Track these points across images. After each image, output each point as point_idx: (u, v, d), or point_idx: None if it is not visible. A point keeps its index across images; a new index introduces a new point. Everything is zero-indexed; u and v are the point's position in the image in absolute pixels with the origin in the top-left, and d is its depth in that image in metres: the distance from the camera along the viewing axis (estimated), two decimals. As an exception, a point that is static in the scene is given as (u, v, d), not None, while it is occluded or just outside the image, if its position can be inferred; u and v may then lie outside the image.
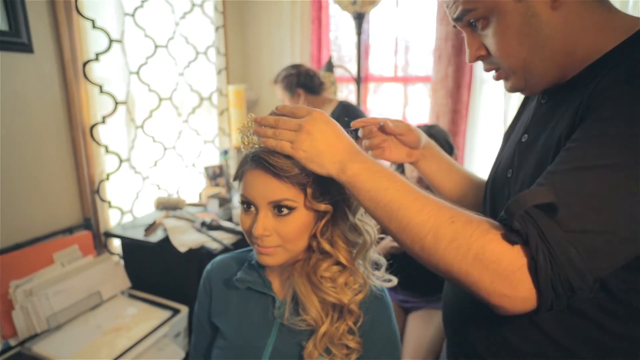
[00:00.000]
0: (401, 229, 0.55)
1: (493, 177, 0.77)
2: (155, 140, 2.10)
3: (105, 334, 1.44)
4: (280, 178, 0.67)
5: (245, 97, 2.50)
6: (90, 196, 1.74)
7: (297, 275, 0.76)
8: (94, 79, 1.68)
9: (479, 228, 0.51)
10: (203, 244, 1.70)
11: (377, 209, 0.57)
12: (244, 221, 0.74)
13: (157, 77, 2.06)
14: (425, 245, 0.53)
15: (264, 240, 0.70)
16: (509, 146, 0.75)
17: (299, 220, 0.70)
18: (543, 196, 0.48)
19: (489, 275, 0.49)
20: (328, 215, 0.72)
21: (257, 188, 0.70)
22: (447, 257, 0.52)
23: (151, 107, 2.06)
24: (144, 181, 2.05)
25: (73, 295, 1.51)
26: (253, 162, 0.70)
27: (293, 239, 0.71)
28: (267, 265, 0.76)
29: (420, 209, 0.54)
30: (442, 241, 0.52)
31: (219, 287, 0.88)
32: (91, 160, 1.71)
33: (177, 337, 1.59)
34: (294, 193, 0.69)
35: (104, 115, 1.75)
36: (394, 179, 0.58)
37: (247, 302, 0.83)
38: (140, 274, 1.81)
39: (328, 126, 0.61)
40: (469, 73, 2.34)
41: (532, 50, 0.59)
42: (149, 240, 1.72)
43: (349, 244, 0.74)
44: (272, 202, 0.69)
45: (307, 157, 0.60)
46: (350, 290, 0.74)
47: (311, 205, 0.69)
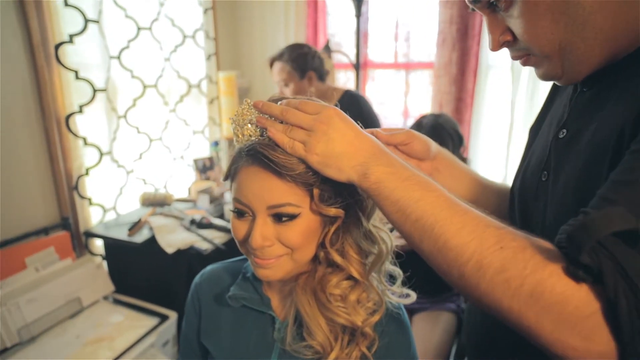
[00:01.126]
0: (436, 251, 0.46)
1: (521, 181, 0.67)
2: (140, 131, 1.96)
3: (85, 346, 1.31)
4: (282, 177, 0.56)
5: (237, 85, 2.37)
6: (68, 193, 1.60)
7: (300, 291, 0.65)
8: (69, 64, 1.52)
9: (534, 258, 0.41)
10: (192, 244, 1.58)
11: (406, 223, 0.48)
12: (238, 229, 0.62)
13: (140, 62, 1.90)
14: (465, 274, 0.44)
15: (264, 252, 0.59)
16: (539, 144, 0.65)
17: (304, 225, 0.59)
18: (622, 221, 0.37)
19: (549, 320, 0.40)
20: (339, 221, 0.61)
21: (253, 189, 0.58)
22: (494, 291, 0.43)
23: (135, 95, 1.91)
24: (128, 175, 1.92)
25: (49, 303, 1.37)
26: (249, 158, 0.58)
27: (300, 245, 0.60)
28: (268, 280, 0.65)
29: (460, 227, 0.45)
30: (488, 271, 0.43)
31: (209, 303, 0.77)
32: (67, 154, 1.57)
33: (165, 346, 1.47)
34: (298, 195, 0.57)
35: (81, 104, 1.59)
36: (428, 187, 0.49)
37: (242, 322, 0.72)
38: (125, 277, 1.68)
39: (346, 125, 0.52)
40: (475, 58, 2.22)
41: (570, 29, 0.49)
42: (133, 240, 1.59)
43: (362, 254, 0.63)
44: (272, 207, 0.58)
45: (322, 161, 0.52)
46: (363, 310, 0.63)
47: (319, 209, 0.58)
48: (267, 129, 0.55)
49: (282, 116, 0.54)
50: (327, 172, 0.52)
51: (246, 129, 0.59)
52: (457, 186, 0.74)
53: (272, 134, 0.55)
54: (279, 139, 0.54)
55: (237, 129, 0.60)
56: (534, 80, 2.07)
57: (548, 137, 0.62)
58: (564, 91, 0.65)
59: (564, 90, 0.65)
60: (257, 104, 0.57)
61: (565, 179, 0.54)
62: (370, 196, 0.52)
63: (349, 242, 0.62)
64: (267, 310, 0.69)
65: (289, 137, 0.53)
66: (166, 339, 1.49)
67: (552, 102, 0.69)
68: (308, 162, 0.53)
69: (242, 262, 0.79)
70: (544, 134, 0.65)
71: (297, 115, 0.53)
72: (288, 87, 1.78)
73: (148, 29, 1.93)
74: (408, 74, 2.50)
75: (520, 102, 2.13)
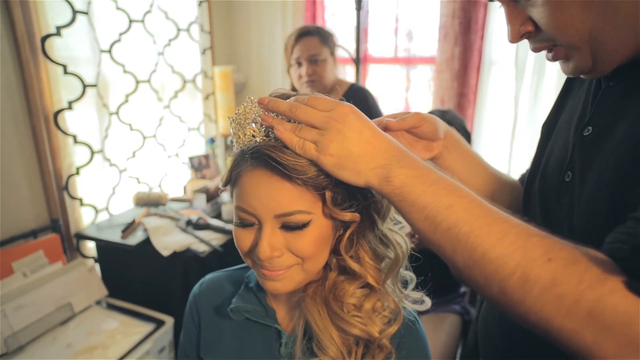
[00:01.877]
0: (472, 263, 0.42)
1: (541, 181, 0.63)
2: (133, 129, 1.89)
3: (76, 355, 1.25)
4: (291, 181, 0.51)
5: (233, 80, 2.30)
6: (58, 193, 1.53)
7: (310, 302, 0.60)
8: (56, 58, 1.44)
9: (590, 271, 0.38)
10: (189, 246, 1.52)
11: (436, 232, 0.44)
12: (242, 239, 0.57)
13: (133, 56, 1.83)
14: (508, 289, 0.40)
15: (273, 263, 0.54)
16: (558, 142, 0.61)
17: (316, 232, 0.54)
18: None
19: (612, 341, 0.36)
20: (353, 226, 0.56)
21: (259, 196, 0.53)
22: (543, 309, 0.39)
23: (127, 90, 1.83)
24: (121, 174, 1.84)
25: (38, 310, 1.31)
26: (254, 161, 0.52)
27: (312, 254, 0.55)
28: (277, 293, 0.60)
29: (500, 237, 0.41)
30: (535, 286, 0.39)
31: (210, 315, 0.71)
32: (57, 152, 1.49)
33: (161, 353, 1.41)
34: (309, 200, 0.53)
35: (70, 100, 1.52)
36: (459, 192, 0.45)
37: (244, 335, 0.67)
38: (119, 281, 1.62)
39: (362, 122, 0.48)
40: (478, 53, 2.16)
41: (601, 16, 0.46)
42: (126, 243, 1.52)
43: (377, 259, 0.59)
44: (280, 216, 0.53)
45: (337, 162, 0.47)
46: (379, 319, 0.59)
47: (333, 213, 0.54)
48: (274, 127, 0.50)
49: (291, 113, 0.49)
50: (343, 175, 0.47)
51: (249, 129, 0.53)
52: (464, 163, 0.70)
53: (279, 133, 0.49)
54: (287, 139, 0.49)
55: (238, 129, 0.54)
56: (538, 76, 2.03)
57: (568, 134, 0.58)
58: (580, 87, 0.61)
59: (580, 86, 0.62)
60: (262, 101, 0.51)
61: (595, 179, 0.51)
62: (392, 202, 0.47)
63: (364, 247, 0.58)
64: (272, 323, 0.64)
65: (299, 136, 0.48)
66: (162, 345, 1.43)
67: (566, 97, 0.65)
68: (321, 164, 0.48)
69: (244, 270, 0.74)
70: (562, 132, 0.61)
71: (308, 112, 0.48)
72: (317, 65, 1.64)
73: (140, 22, 1.85)
74: (409, 69, 2.44)
75: (524, 98, 2.09)
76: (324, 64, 1.66)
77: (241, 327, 0.67)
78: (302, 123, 0.48)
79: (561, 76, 1.97)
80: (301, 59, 1.64)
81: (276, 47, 2.43)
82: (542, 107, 2.05)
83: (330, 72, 1.68)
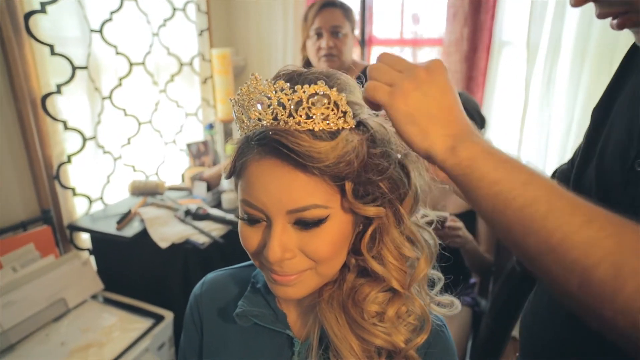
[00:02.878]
0: (547, 249, 0.36)
1: (599, 168, 0.57)
2: (127, 114, 1.79)
3: (71, 354, 1.19)
4: (306, 171, 0.44)
5: (232, 63, 2.19)
6: (48, 183, 1.44)
7: (326, 307, 0.53)
8: (42, 37, 1.34)
9: None
10: (188, 238, 1.45)
11: (507, 211, 0.39)
12: (248, 238, 0.50)
13: (125, 37, 1.72)
14: (593, 281, 0.34)
15: (284, 266, 0.48)
16: (619, 128, 0.55)
17: (334, 230, 0.48)
18: None
19: None
20: (377, 222, 0.49)
21: (269, 189, 0.45)
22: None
23: (120, 73, 1.73)
24: (115, 162, 1.76)
25: (29, 307, 1.24)
26: (261, 148, 0.45)
27: (328, 257, 0.49)
28: (288, 298, 0.56)
29: (585, 220, 0.36)
30: (630, 281, 0.33)
31: (213, 319, 0.65)
32: (46, 139, 1.40)
33: (160, 349, 1.35)
34: (325, 193, 0.46)
35: (58, 84, 1.42)
36: (533, 172, 0.40)
37: (252, 342, 0.60)
38: (115, 274, 1.55)
39: (451, 86, 0.44)
40: (488, 34, 2.07)
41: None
42: (122, 234, 1.45)
43: (402, 260, 0.52)
44: (293, 211, 0.45)
45: (409, 113, 0.42)
46: (403, 327, 0.53)
47: (354, 208, 0.47)
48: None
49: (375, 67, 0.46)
50: (409, 130, 0.42)
51: (253, 112, 0.45)
52: None
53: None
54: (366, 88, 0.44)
55: (241, 112, 0.46)
56: (552, 59, 1.93)
57: (632, 120, 0.51)
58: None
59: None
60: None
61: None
62: (454, 177, 0.42)
63: (388, 246, 0.51)
64: (283, 329, 0.58)
65: (375, 78, 0.44)
66: (162, 341, 1.36)
67: (624, 77, 0.58)
68: (390, 109, 0.43)
69: (251, 268, 0.67)
70: (624, 117, 0.54)
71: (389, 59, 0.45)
72: (339, 38, 1.55)
73: (133, 0, 1.74)
74: (415, 51, 2.34)
75: (536, 82, 2.00)
76: (345, 39, 1.58)
77: (248, 333, 0.60)
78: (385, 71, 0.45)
79: (576, 60, 1.88)
80: (322, 29, 1.56)
81: (276, 29, 2.32)
82: (556, 92, 1.96)
83: (349, 49, 1.61)
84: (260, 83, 0.45)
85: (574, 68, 1.87)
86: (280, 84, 0.45)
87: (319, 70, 0.51)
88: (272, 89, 0.44)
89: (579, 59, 1.83)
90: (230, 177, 0.51)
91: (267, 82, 0.45)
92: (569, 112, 1.94)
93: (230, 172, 0.50)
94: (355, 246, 0.52)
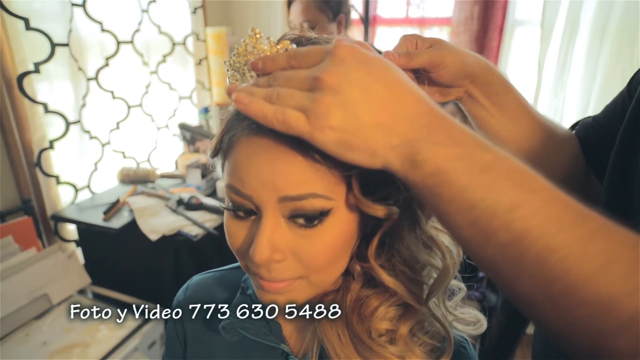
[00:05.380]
0: (551, 297, 0.28)
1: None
2: (115, 96, 1.68)
3: (53, 356, 1.10)
4: (306, 155, 0.36)
5: (228, 43, 2.07)
6: (29, 170, 1.34)
7: (326, 321, 0.45)
8: (15, 9, 1.22)
9: None
10: (180, 229, 1.36)
11: (488, 246, 0.30)
12: (234, 233, 0.42)
13: (111, 13, 1.59)
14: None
15: (271, 270, 0.39)
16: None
17: (336, 231, 0.39)
18: None
19: None
20: (388, 224, 0.40)
21: (260, 172, 0.37)
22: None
23: (106, 53, 1.61)
24: (104, 148, 1.65)
25: (8, 304, 1.15)
26: (254, 124, 0.36)
27: (324, 264, 0.40)
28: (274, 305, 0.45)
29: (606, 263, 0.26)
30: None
31: (197, 329, 0.57)
32: (24, 123, 1.29)
33: (151, 348, 1.27)
34: (329, 183, 0.37)
35: (36, 62, 1.30)
36: (530, 183, 0.30)
37: (241, 357, 0.52)
38: (102, 268, 1.47)
39: (371, 72, 0.32)
40: (501, 12, 1.94)
41: None
42: (109, 225, 1.35)
43: (417, 269, 0.43)
44: (287, 199, 0.37)
45: (340, 139, 0.31)
46: (419, 347, 0.44)
47: (361, 205, 0.38)
48: (233, 98, 0.33)
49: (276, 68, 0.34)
50: (352, 157, 0.32)
51: (250, 76, 0.37)
52: (502, 115, 0.53)
53: (242, 105, 0.32)
54: (255, 111, 0.32)
55: (235, 77, 0.37)
56: (569, 39, 1.81)
57: None
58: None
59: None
60: (255, 65, 0.35)
61: None
62: (422, 196, 0.32)
63: (401, 253, 0.42)
64: (276, 343, 0.49)
65: (275, 106, 0.32)
66: (152, 339, 1.28)
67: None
68: (317, 142, 0.32)
69: (241, 270, 0.57)
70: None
71: (286, 73, 0.33)
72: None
73: (119, -28, 1.61)
74: (422, 31, 2.22)
75: (550, 64, 1.88)
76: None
77: (237, 347, 0.52)
78: (289, 85, 0.33)
79: (595, 40, 1.76)
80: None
81: (275, 6, 2.20)
82: (572, 75, 1.84)
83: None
84: (260, 42, 0.36)
85: (591, 48, 1.75)
86: (284, 45, 0.36)
87: (331, 36, 0.42)
88: (275, 50, 0.36)
89: (597, 39, 1.71)
90: (216, 155, 0.42)
91: (269, 41, 0.36)
92: (585, 97, 1.83)
93: (216, 149, 0.41)
94: (361, 251, 0.43)
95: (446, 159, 0.30)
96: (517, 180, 0.30)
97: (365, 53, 0.32)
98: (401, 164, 0.31)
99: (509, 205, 0.28)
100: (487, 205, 0.29)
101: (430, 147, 0.30)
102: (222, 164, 0.41)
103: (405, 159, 0.31)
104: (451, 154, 0.30)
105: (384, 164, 0.32)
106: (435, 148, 0.30)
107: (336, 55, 0.31)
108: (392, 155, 0.31)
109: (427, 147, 0.30)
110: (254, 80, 0.35)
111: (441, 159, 0.30)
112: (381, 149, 0.31)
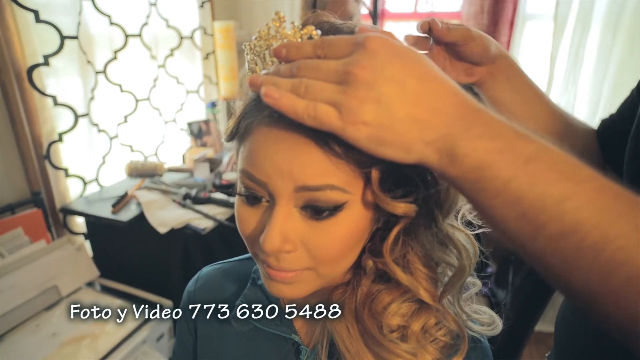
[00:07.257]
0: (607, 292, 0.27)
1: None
2: (123, 90, 1.68)
3: (62, 347, 1.11)
4: (326, 148, 0.35)
5: (236, 37, 2.05)
6: (38, 163, 1.34)
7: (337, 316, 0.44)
8: (25, 2, 1.22)
9: None
10: (188, 223, 1.37)
11: (538, 240, 0.29)
12: (245, 220, 0.41)
13: (120, 5, 1.59)
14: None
15: (280, 259, 0.39)
16: None
17: (350, 223, 0.38)
18: None
19: None
20: (404, 221, 0.40)
21: (277, 160, 0.36)
22: None
23: (115, 46, 1.61)
24: (112, 142, 1.66)
25: (18, 295, 1.16)
26: (275, 112, 0.35)
27: (334, 257, 0.40)
28: (283, 297, 0.48)
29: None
30: None
31: (208, 320, 0.55)
32: (34, 116, 1.30)
33: (159, 341, 1.28)
34: (347, 176, 0.36)
35: (46, 55, 1.30)
36: (578, 173, 0.29)
37: (252, 347, 0.53)
38: (111, 261, 1.47)
39: (405, 65, 0.31)
40: (512, 6, 1.92)
41: None
42: (118, 218, 1.36)
43: (432, 266, 0.43)
44: (303, 189, 0.36)
45: (373, 135, 0.30)
46: (431, 344, 0.44)
47: (379, 201, 0.37)
48: (261, 92, 0.32)
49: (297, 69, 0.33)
50: (385, 153, 0.31)
51: (271, 62, 0.36)
52: (521, 99, 0.56)
53: (272, 100, 0.31)
54: (285, 106, 0.31)
55: (256, 62, 0.36)
56: (581, 34, 1.78)
57: None
58: None
59: None
60: (279, 52, 0.34)
61: None
62: (462, 190, 0.32)
63: (416, 250, 0.42)
64: (287, 333, 0.50)
65: (304, 100, 0.31)
66: (161, 332, 1.29)
67: None
68: (349, 138, 0.31)
69: (252, 261, 0.57)
70: None
71: (315, 65, 0.32)
72: None
73: (128, -35, 1.61)
74: (431, 25, 2.20)
75: (562, 59, 1.86)
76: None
77: (248, 336, 0.52)
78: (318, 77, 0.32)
79: (607, 34, 1.73)
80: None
81: (283, 0, 2.18)
82: (584, 69, 1.82)
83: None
84: (283, 26, 0.35)
85: (603, 43, 1.72)
86: (309, 30, 0.35)
87: (357, 23, 0.41)
88: (299, 36, 0.35)
89: (610, 33, 1.68)
90: (231, 139, 0.41)
91: (292, 25, 0.35)
92: (596, 92, 1.81)
93: (232, 133, 0.41)
94: (375, 246, 0.42)
95: (487, 152, 0.29)
96: (563, 171, 0.29)
97: (396, 45, 0.31)
98: (439, 159, 0.30)
99: (557, 197, 0.28)
100: (534, 197, 0.28)
101: (470, 141, 0.29)
102: (237, 149, 0.41)
103: (444, 153, 0.30)
104: (492, 147, 0.29)
105: (420, 159, 0.31)
106: (475, 142, 0.29)
107: (368, 47, 0.30)
108: (428, 150, 0.30)
109: (466, 141, 0.29)
110: (274, 67, 0.34)
111: (482, 152, 0.29)
112: (416, 144, 0.30)
